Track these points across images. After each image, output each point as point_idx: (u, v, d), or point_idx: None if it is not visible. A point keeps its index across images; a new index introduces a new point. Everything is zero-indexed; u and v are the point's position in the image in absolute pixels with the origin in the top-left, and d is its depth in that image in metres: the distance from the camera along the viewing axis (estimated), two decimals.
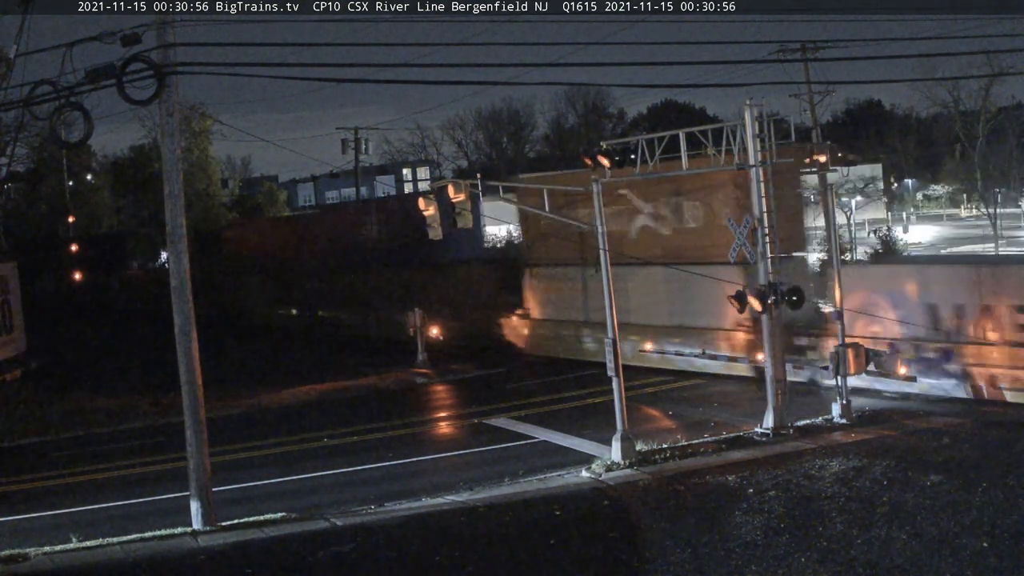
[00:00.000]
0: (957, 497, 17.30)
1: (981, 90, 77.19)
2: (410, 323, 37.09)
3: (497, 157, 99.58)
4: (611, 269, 22.25)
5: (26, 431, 29.84)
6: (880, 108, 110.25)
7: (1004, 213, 73.06)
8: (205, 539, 17.75)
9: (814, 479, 19.06)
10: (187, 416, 18.83)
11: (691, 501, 18.60)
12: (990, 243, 63.61)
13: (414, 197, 51.86)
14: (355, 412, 30.05)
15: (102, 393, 34.44)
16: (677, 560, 15.81)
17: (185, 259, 18.84)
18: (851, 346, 23.93)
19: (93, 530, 18.45)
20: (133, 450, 26.52)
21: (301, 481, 22.46)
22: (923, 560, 15.02)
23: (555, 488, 19.90)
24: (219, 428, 25.71)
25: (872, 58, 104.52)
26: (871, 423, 23.21)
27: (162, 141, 19.12)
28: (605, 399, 23.73)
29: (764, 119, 23.61)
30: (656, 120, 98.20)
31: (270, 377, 36.76)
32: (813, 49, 46.40)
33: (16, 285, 37.71)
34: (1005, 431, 21.58)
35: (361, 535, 17.52)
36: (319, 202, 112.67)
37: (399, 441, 25.76)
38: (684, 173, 25.91)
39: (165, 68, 17.76)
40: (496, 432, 25.87)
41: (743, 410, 25.61)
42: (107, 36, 16.94)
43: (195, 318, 18.82)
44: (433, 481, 21.34)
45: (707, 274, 27.26)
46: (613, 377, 21.79)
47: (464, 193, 23.12)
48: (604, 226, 22.20)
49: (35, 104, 18.02)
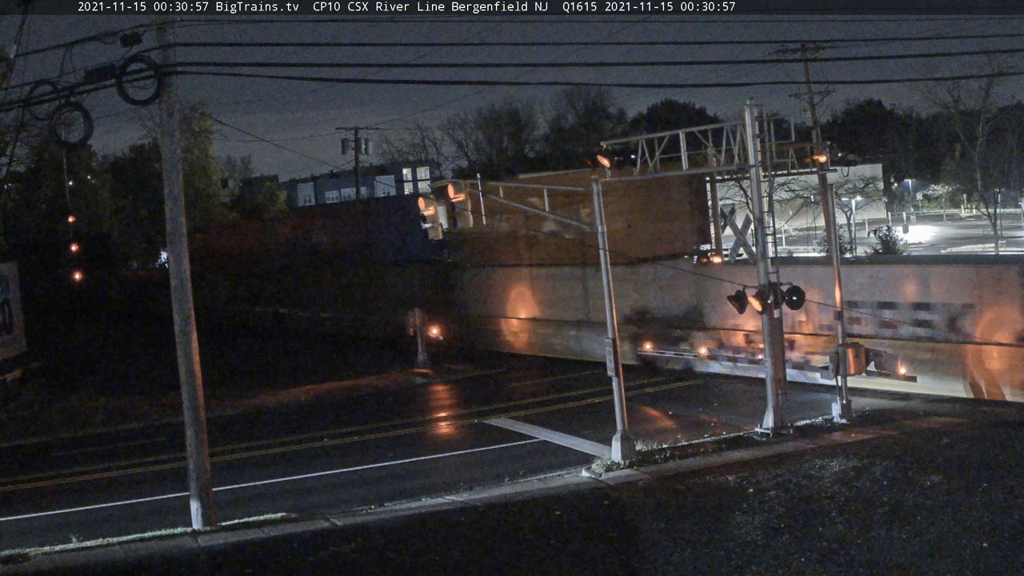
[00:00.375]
0: (957, 497, 17.30)
1: (981, 90, 77.19)
2: (409, 323, 37.26)
3: (497, 157, 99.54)
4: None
5: (26, 431, 29.87)
6: (880, 108, 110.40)
7: (1004, 213, 73.09)
8: (205, 539, 17.74)
9: (814, 479, 19.06)
10: (187, 416, 18.82)
11: (691, 501, 18.59)
12: (990, 243, 63.57)
13: (367, 203, 62.80)
14: (355, 412, 30.06)
15: (102, 393, 34.46)
16: (677, 560, 15.81)
17: (185, 259, 18.84)
18: (851, 346, 23.96)
19: (93, 530, 18.46)
20: (133, 450, 26.52)
21: (301, 481, 22.46)
22: (923, 560, 15.02)
23: (555, 488, 19.90)
24: (219, 428, 25.77)
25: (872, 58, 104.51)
26: (871, 423, 23.21)
27: (162, 141, 19.11)
28: (605, 399, 23.75)
29: (764, 119, 23.62)
30: (656, 120, 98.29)
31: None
32: (813, 49, 46.34)
33: (16, 285, 37.67)
34: (1005, 431, 21.58)
35: (361, 535, 17.52)
36: (319, 202, 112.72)
37: (399, 441, 25.77)
38: (683, 173, 25.94)
39: (165, 68, 17.76)
40: (496, 432, 25.87)
41: (743, 410, 25.62)
42: (107, 36, 16.95)
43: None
44: (433, 481, 21.34)
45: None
46: (613, 377, 21.77)
47: (464, 193, 23.11)
48: (604, 226, 22.19)
49: (35, 104, 18.01)
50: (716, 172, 31.19)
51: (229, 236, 67.21)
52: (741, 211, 40.00)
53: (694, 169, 26.35)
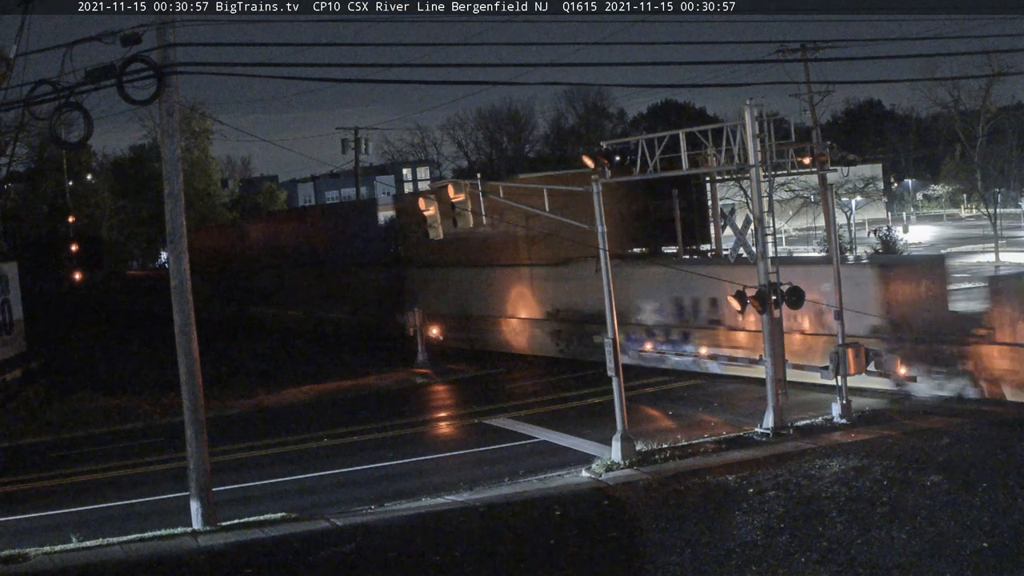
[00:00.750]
0: (957, 497, 17.29)
1: (981, 90, 77.22)
2: (409, 323, 37.29)
3: (497, 157, 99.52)
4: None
5: (26, 431, 29.85)
6: (880, 108, 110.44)
7: (1004, 213, 73.03)
8: (205, 539, 17.74)
9: (814, 479, 19.05)
10: (187, 416, 18.82)
11: (691, 501, 18.58)
12: (990, 243, 63.55)
13: (337, 207, 68.27)
14: (355, 412, 30.05)
15: (102, 393, 34.44)
16: (677, 560, 15.79)
17: (185, 259, 18.86)
18: (851, 346, 23.94)
19: (93, 530, 18.46)
20: (133, 450, 26.52)
21: (301, 481, 22.46)
22: (923, 560, 15.01)
23: (555, 488, 19.89)
24: (219, 428, 25.76)
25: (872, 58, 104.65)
26: (871, 423, 23.20)
27: (162, 141, 19.11)
28: (605, 399, 23.73)
29: (764, 119, 23.60)
30: (656, 120, 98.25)
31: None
32: (813, 49, 46.34)
33: (16, 285, 37.63)
34: (1005, 431, 21.57)
35: (361, 535, 17.51)
36: (319, 202, 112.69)
37: (399, 441, 25.77)
38: (683, 173, 25.93)
39: (165, 68, 17.76)
40: (496, 432, 25.88)
41: (743, 410, 25.62)
42: (107, 36, 16.95)
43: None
44: (433, 481, 21.34)
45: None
46: (613, 377, 21.77)
47: (464, 193, 23.10)
48: (604, 226, 22.18)
49: (35, 104, 18.03)
50: (716, 172, 31.21)
51: (207, 237, 68.64)
52: (741, 211, 40.09)
53: (694, 169, 26.33)
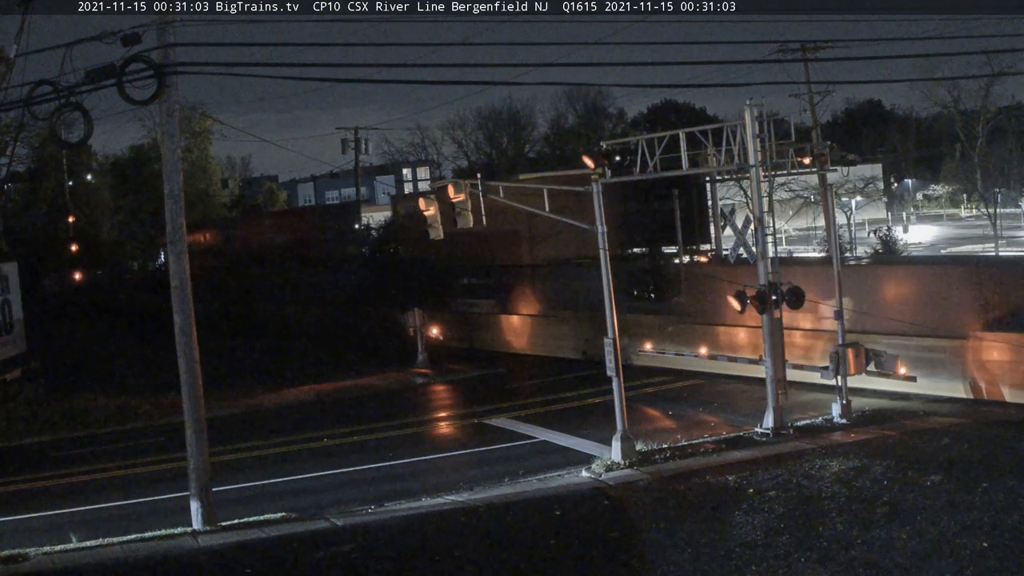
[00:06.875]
0: (957, 497, 17.28)
1: (981, 90, 77.24)
2: (410, 323, 37.23)
3: (497, 157, 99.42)
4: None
5: (26, 431, 29.82)
6: (880, 108, 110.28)
7: (1004, 213, 72.99)
8: (205, 539, 17.74)
9: (814, 479, 19.05)
10: (187, 416, 18.82)
11: (691, 501, 18.58)
12: (990, 243, 63.51)
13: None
14: (355, 412, 30.05)
15: (102, 393, 34.42)
16: (677, 560, 15.80)
17: (185, 259, 18.82)
18: (851, 346, 23.93)
19: (93, 530, 18.45)
20: (133, 450, 26.51)
21: (301, 481, 22.46)
22: (923, 560, 15.01)
23: (555, 488, 19.89)
24: (219, 428, 25.74)
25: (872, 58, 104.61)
26: (871, 423, 23.21)
27: (162, 141, 19.11)
28: (605, 399, 23.73)
29: (764, 119, 23.59)
30: (656, 120, 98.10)
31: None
32: (813, 49, 46.37)
33: (16, 285, 37.61)
34: (1005, 431, 21.57)
35: (361, 535, 17.51)
36: (319, 202, 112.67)
37: (399, 441, 25.76)
38: (683, 173, 25.91)
39: (165, 68, 17.75)
40: (496, 432, 25.87)
41: (743, 410, 25.62)
42: (107, 36, 16.94)
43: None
44: (433, 481, 21.33)
45: None
46: (613, 377, 21.77)
47: (464, 193, 23.10)
48: (604, 226, 22.18)
49: (35, 104, 17.99)
50: (716, 172, 31.17)
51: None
52: (741, 211, 40.01)
53: (694, 169, 26.31)
